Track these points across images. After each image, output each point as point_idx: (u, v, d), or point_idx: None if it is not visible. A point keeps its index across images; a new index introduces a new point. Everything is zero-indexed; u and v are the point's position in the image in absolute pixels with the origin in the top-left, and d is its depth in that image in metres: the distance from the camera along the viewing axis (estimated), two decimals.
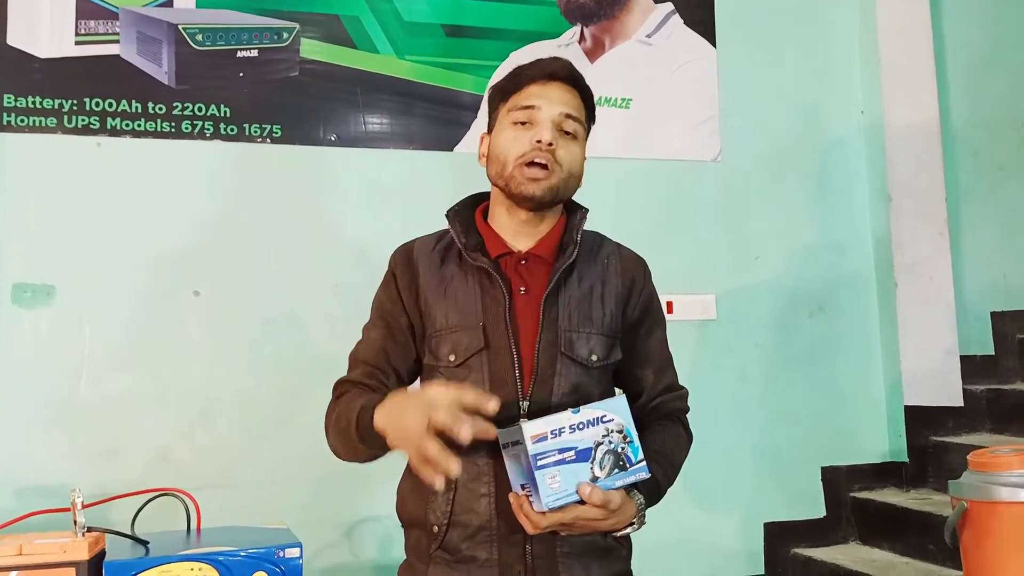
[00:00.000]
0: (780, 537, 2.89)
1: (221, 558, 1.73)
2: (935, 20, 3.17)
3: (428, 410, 1.23)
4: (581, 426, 1.34)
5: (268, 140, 2.57)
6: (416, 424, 1.24)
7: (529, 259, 1.52)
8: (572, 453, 1.32)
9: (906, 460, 2.97)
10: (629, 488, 1.39)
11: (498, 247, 1.53)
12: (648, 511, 1.45)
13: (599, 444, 1.34)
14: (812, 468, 2.96)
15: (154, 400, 2.41)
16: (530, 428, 1.31)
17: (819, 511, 2.95)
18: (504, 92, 1.53)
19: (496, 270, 1.49)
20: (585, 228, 1.57)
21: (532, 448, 1.30)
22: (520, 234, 1.53)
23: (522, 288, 1.50)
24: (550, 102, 1.48)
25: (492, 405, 1.27)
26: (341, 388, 1.53)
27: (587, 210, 1.58)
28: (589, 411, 1.35)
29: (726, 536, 2.86)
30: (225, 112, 2.54)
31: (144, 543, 1.81)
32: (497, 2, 2.81)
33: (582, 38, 2.89)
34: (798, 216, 3.06)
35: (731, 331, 2.93)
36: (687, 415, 1.64)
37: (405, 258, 1.57)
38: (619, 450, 1.35)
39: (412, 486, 1.52)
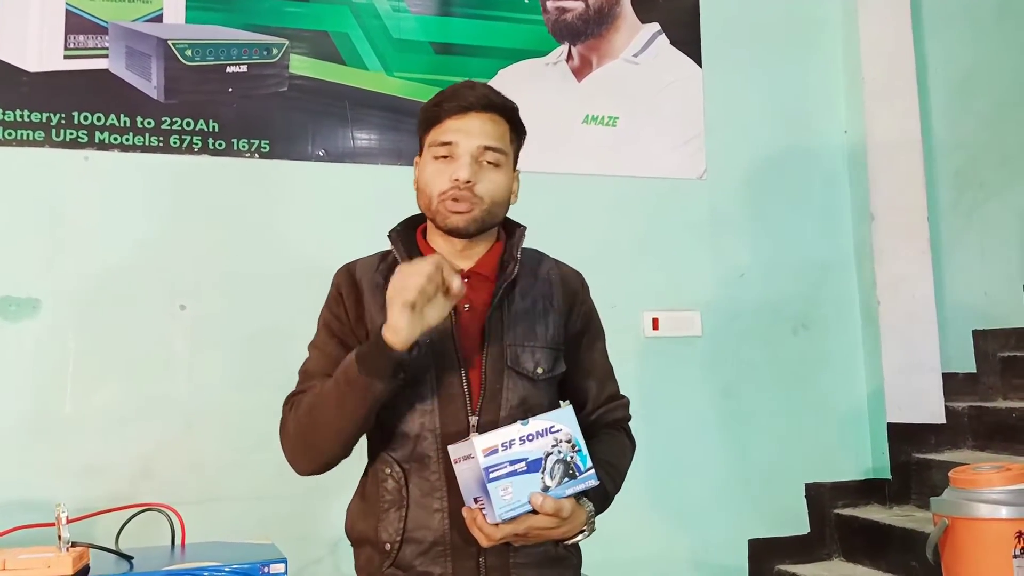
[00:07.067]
0: (764, 553, 2.90)
1: (206, 574, 1.72)
2: (917, 41, 3.22)
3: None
4: (531, 437, 1.36)
5: (256, 155, 2.58)
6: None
7: (472, 277, 1.53)
8: (523, 464, 1.35)
9: (889, 477, 2.99)
10: (579, 496, 1.41)
11: None
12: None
13: (549, 454, 1.37)
14: (796, 485, 2.98)
15: (139, 414, 2.40)
16: (481, 442, 1.33)
17: (803, 528, 2.96)
18: (425, 124, 1.54)
19: None
20: (524, 246, 1.58)
21: (484, 461, 1.32)
22: (459, 256, 1.54)
23: (466, 305, 1.51)
24: (468, 135, 1.48)
25: (455, 283, 1.35)
26: (294, 398, 1.52)
27: (525, 228, 1.60)
28: (538, 423, 1.38)
29: (711, 552, 2.86)
30: (213, 127, 2.55)
31: (128, 558, 1.80)
32: (486, 20, 2.84)
33: (569, 56, 2.91)
34: (782, 234, 3.09)
35: (716, 348, 2.94)
36: (629, 423, 1.67)
37: (349, 278, 1.57)
38: (568, 459, 1.38)
39: (362, 505, 1.53)
